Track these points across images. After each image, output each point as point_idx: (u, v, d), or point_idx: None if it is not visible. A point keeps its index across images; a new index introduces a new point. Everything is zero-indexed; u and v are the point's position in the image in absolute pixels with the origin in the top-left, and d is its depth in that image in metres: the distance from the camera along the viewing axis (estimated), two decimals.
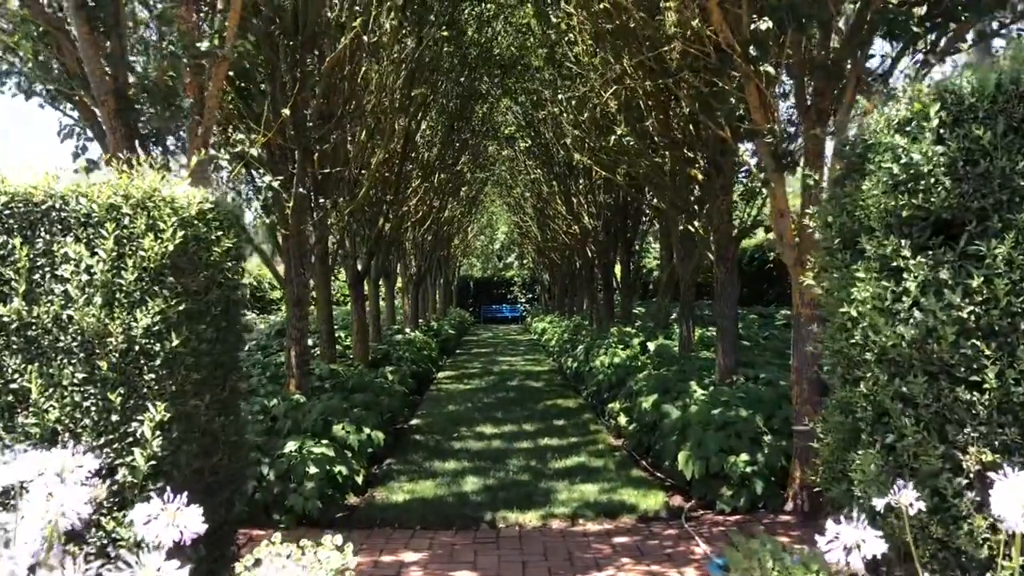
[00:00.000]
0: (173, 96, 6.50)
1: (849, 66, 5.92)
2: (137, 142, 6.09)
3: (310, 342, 12.44)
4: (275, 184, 7.95)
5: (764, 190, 7.47)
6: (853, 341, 3.83)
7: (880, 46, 6.03)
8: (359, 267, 13.02)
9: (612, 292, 17.27)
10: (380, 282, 16.90)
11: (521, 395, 14.10)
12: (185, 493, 2.20)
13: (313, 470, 6.73)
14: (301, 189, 8.20)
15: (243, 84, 8.47)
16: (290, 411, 7.72)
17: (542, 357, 22.00)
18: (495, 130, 19.54)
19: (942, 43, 5.93)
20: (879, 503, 2.54)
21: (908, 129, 3.60)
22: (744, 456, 6.72)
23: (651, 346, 12.30)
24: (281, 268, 8.93)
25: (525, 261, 46.44)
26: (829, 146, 6.39)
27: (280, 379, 9.32)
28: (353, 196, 10.73)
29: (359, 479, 7.51)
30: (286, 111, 6.97)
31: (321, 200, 8.72)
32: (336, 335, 14.34)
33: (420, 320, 23.63)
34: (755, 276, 23.31)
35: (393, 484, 7.86)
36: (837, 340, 4.03)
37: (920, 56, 5.84)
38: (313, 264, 10.88)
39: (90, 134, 6.45)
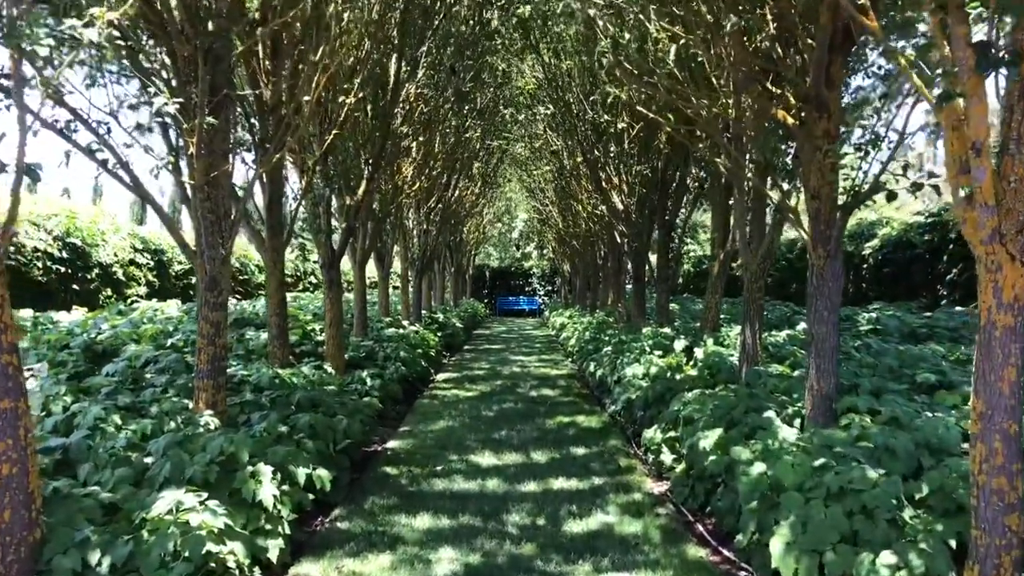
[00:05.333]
0: None
1: None
2: None
3: (262, 337, 9.88)
4: (170, 107, 5.37)
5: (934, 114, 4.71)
6: None
7: None
8: (335, 245, 10.43)
9: (644, 284, 14.59)
10: (369, 266, 14.32)
11: (532, 407, 11.45)
12: None
13: (182, 553, 4.15)
14: (210, 118, 5.59)
15: None
16: (173, 447, 5.13)
17: (559, 357, 19.31)
18: (511, 91, 16.79)
19: None
20: None
21: None
22: (888, 557, 4.05)
23: (698, 353, 9.62)
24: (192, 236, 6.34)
25: (545, 251, 43.71)
26: None
27: None
28: (320, 141, 8.15)
29: (274, 554, 4.91)
30: None
31: (249, 137, 6.11)
32: (311, 329, 11.85)
33: (424, 312, 21.04)
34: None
35: (328, 558, 5.26)
36: None
37: None
38: (260, 234, 8.32)
39: None
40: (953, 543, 4.16)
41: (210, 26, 5.45)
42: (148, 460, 5.14)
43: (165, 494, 4.59)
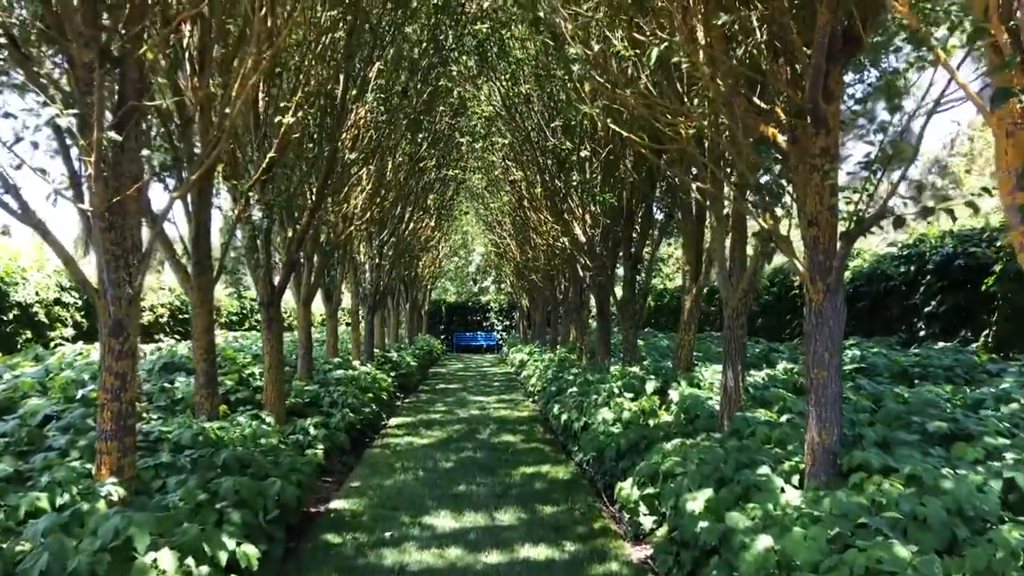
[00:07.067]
0: None
1: None
2: None
3: (188, 384, 8.89)
4: (63, 120, 4.52)
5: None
6: None
7: None
8: (275, 281, 9.51)
9: (608, 320, 13.86)
10: (317, 303, 13.39)
11: (493, 456, 10.55)
12: None
13: None
14: (112, 133, 4.72)
15: None
16: (54, 531, 4.17)
17: (520, 397, 18.44)
18: (467, 119, 16.07)
19: None
20: None
21: None
22: None
23: (673, 396, 8.87)
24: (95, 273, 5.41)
25: (503, 285, 42.99)
26: None
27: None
28: (256, 165, 7.29)
29: None
30: None
31: (157, 156, 5.25)
32: (248, 373, 10.87)
33: (377, 350, 20.06)
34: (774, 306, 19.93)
35: None
36: None
37: None
38: (185, 269, 7.42)
39: None
40: None
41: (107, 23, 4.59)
42: (25, 547, 4.18)
43: None
